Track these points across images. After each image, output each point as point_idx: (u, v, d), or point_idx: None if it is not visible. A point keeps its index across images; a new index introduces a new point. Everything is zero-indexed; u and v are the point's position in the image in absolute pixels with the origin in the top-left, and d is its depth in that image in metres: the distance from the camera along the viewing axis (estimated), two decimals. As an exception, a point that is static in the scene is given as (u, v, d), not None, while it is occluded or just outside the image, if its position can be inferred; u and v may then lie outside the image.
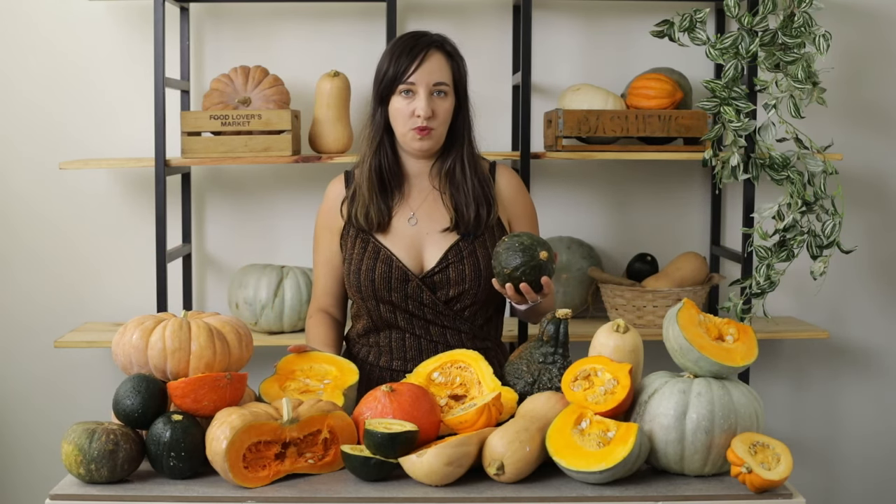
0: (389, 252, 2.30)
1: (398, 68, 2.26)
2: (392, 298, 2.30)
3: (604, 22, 3.22)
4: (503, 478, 1.80)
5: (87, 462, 1.78)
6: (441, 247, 2.31)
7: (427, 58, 2.27)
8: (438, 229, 2.32)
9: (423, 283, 2.29)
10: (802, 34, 2.68)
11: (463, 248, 2.31)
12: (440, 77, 2.27)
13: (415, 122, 2.27)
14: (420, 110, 2.25)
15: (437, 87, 2.27)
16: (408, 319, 2.32)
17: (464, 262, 2.30)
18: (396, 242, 2.32)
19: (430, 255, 2.32)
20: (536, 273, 2.14)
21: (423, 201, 2.36)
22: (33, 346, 3.25)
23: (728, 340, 1.91)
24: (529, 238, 2.16)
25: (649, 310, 3.00)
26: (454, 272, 2.29)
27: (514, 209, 2.40)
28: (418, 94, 2.26)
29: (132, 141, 3.18)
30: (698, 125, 2.93)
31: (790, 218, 2.77)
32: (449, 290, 2.29)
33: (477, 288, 2.30)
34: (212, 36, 3.19)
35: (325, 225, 2.41)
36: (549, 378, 2.03)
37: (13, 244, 3.23)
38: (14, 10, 3.16)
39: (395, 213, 2.34)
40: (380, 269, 2.29)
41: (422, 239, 2.33)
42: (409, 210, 2.35)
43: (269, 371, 2.23)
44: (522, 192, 2.43)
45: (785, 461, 1.78)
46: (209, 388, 1.83)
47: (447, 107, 2.29)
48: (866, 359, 3.36)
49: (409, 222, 2.34)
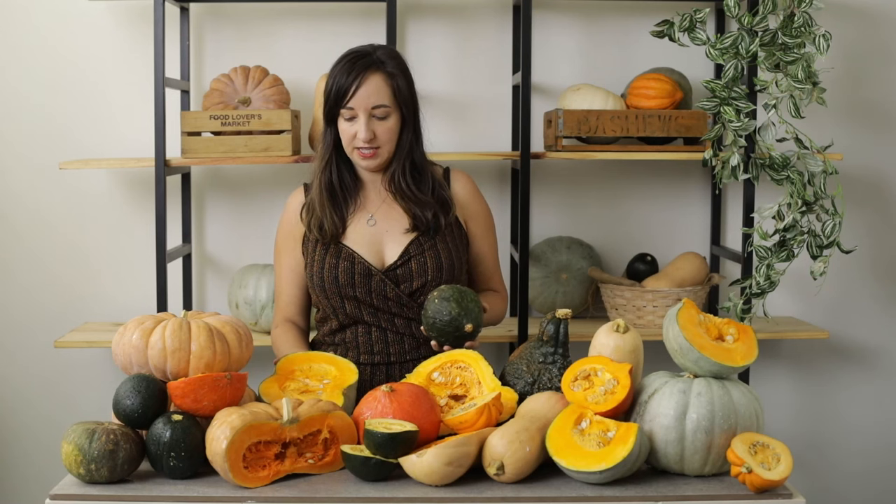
0: (351, 250, 2.33)
1: (339, 91, 2.29)
2: (356, 294, 2.32)
3: (604, 22, 3.22)
4: (503, 478, 1.80)
5: (87, 462, 1.78)
6: (401, 243, 2.35)
7: (364, 82, 2.27)
8: (398, 229, 2.36)
9: (386, 277, 2.32)
10: (802, 34, 2.68)
11: (423, 243, 2.34)
12: (378, 100, 2.28)
13: (357, 143, 2.30)
14: (360, 134, 2.28)
15: (375, 110, 2.29)
16: (373, 314, 2.34)
17: (425, 255, 2.33)
18: (357, 241, 2.35)
19: (390, 250, 2.35)
20: (459, 341, 2.16)
21: (381, 204, 2.39)
22: (33, 346, 3.25)
23: (728, 340, 1.91)
24: (458, 305, 2.14)
25: (649, 310, 3.00)
26: (416, 265, 2.32)
27: (468, 210, 2.43)
28: (358, 118, 2.29)
29: (132, 141, 3.18)
30: (698, 125, 2.93)
31: (790, 218, 2.77)
32: (412, 282, 2.32)
33: (439, 279, 2.33)
34: (212, 36, 3.19)
35: (288, 233, 2.43)
36: (549, 378, 2.03)
37: (13, 244, 3.23)
38: (14, 10, 3.16)
39: (353, 219, 2.37)
40: (343, 266, 2.31)
41: (381, 237, 2.36)
42: (367, 213, 2.38)
43: (269, 371, 2.23)
44: (477, 195, 2.46)
45: (785, 461, 1.78)
46: (209, 388, 1.83)
47: (390, 126, 2.31)
48: (866, 359, 3.36)
49: (367, 223, 2.37)
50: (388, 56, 2.32)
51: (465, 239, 2.41)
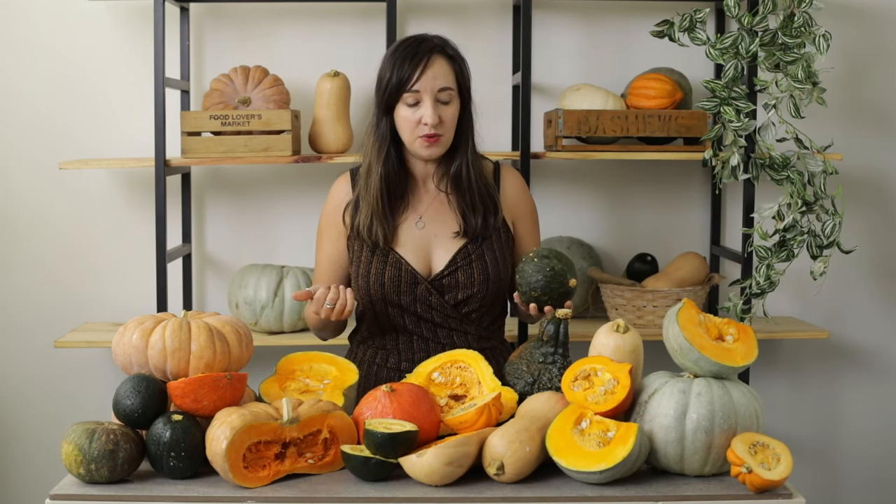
0: (398, 256, 2.29)
1: (401, 76, 2.23)
2: (401, 301, 2.29)
3: (604, 22, 3.22)
4: (503, 478, 1.80)
5: (87, 462, 1.78)
6: (449, 250, 2.31)
7: (430, 64, 2.23)
8: (447, 233, 2.32)
9: (432, 286, 2.29)
10: (802, 34, 2.68)
11: (471, 251, 2.30)
12: (444, 82, 2.24)
13: (422, 129, 2.24)
14: (427, 118, 2.22)
15: (441, 93, 2.24)
16: (416, 322, 2.31)
17: (472, 265, 2.29)
18: (405, 246, 2.31)
19: (438, 257, 2.31)
20: (563, 298, 2.14)
21: (430, 204, 2.34)
22: (33, 346, 3.25)
23: (728, 340, 1.91)
24: (559, 261, 2.13)
25: (649, 310, 3.00)
26: (463, 275, 2.29)
27: (517, 210, 2.39)
28: (424, 102, 2.23)
29: (132, 141, 3.18)
30: (698, 125, 2.93)
31: (790, 218, 2.77)
32: (458, 293, 2.29)
33: (485, 291, 2.30)
34: (212, 36, 3.19)
35: (331, 224, 2.38)
36: (549, 378, 2.03)
37: (13, 244, 3.23)
38: (14, 10, 3.16)
39: (402, 220, 2.32)
40: (390, 273, 2.28)
41: (430, 242, 2.32)
42: (417, 214, 2.34)
43: (269, 371, 2.23)
44: (526, 192, 2.43)
45: (785, 461, 1.78)
46: (209, 388, 1.83)
47: (453, 111, 2.26)
48: (866, 359, 3.36)
49: (416, 225, 2.33)
50: (445, 42, 2.29)
51: (510, 242, 2.36)
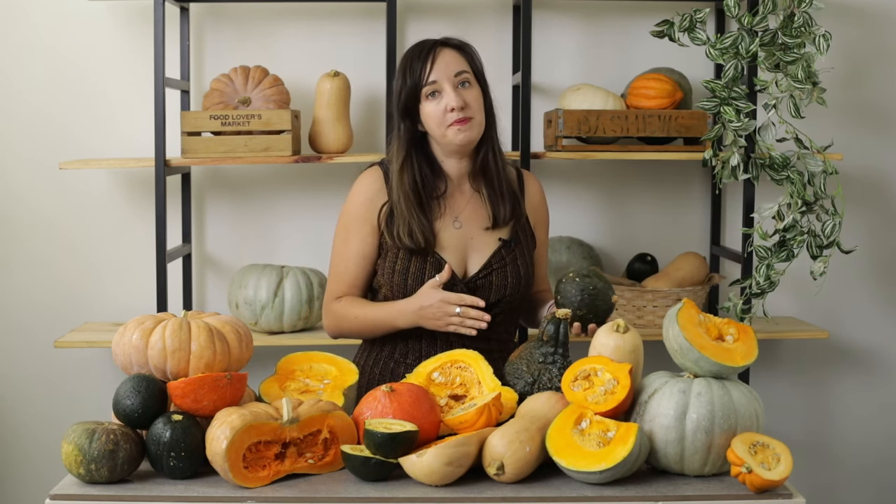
0: (440, 258, 2.29)
1: (415, 75, 2.25)
2: None
3: (604, 22, 3.22)
4: (503, 478, 1.80)
5: (87, 462, 1.78)
6: (484, 253, 2.32)
7: (438, 55, 2.26)
8: (480, 230, 2.33)
9: (466, 288, 2.29)
10: (802, 34, 2.68)
11: (506, 255, 2.32)
12: (458, 66, 2.26)
13: (451, 116, 2.24)
14: (452, 102, 2.23)
15: (458, 77, 2.25)
16: None
17: (506, 268, 2.31)
18: (445, 247, 2.31)
19: (474, 259, 2.32)
20: (606, 315, 2.18)
21: (467, 203, 2.35)
22: (33, 346, 3.25)
23: (728, 340, 1.91)
24: (600, 280, 2.18)
25: (649, 310, 3.00)
26: (497, 278, 2.30)
27: (537, 215, 2.42)
28: (444, 90, 2.24)
29: (132, 141, 3.18)
30: (698, 125, 2.93)
31: (790, 218, 2.77)
32: (491, 295, 2.30)
33: (515, 294, 2.32)
34: (212, 36, 3.19)
35: (362, 218, 2.33)
36: (549, 378, 2.03)
37: (13, 244, 3.23)
38: (14, 10, 3.16)
39: (440, 222, 2.32)
40: (431, 276, 2.27)
41: (467, 242, 2.33)
42: (453, 214, 2.34)
43: (269, 371, 2.23)
44: (545, 200, 2.47)
45: (785, 461, 1.78)
46: (209, 388, 1.83)
47: (476, 94, 2.28)
48: (866, 359, 3.36)
49: (453, 226, 2.33)
50: (448, 38, 2.32)
51: (533, 245, 2.40)
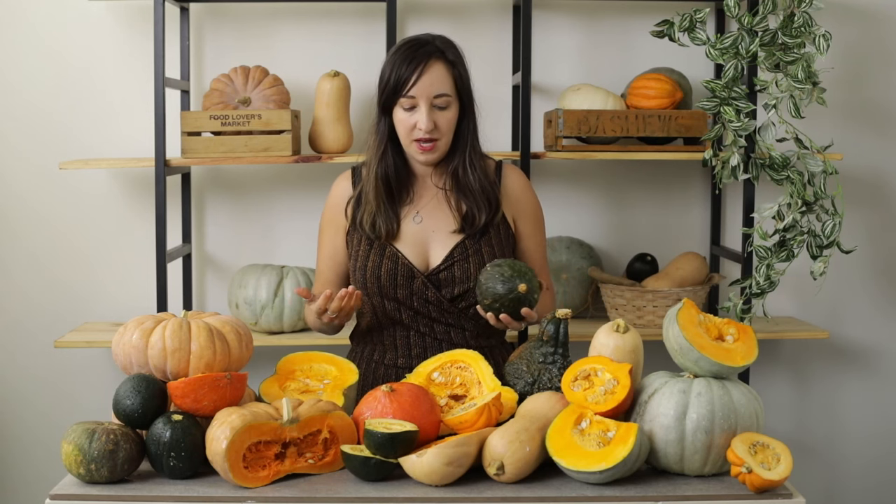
0: (395, 249, 2.30)
1: (398, 79, 2.23)
2: (397, 295, 2.29)
3: (604, 22, 3.22)
4: (503, 478, 1.80)
5: (87, 462, 1.78)
6: (446, 245, 2.32)
7: (427, 69, 2.23)
8: (445, 230, 2.33)
9: (428, 281, 2.29)
10: (802, 34, 2.68)
11: (469, 247, 2.31)
12: (441, 88, 2.24)
13: (417, 134, 2.25)
14: (422, 124, 2.23)
15: (437, 99, 2.24)
16: (412, 317, 2.32)
17: (469, 259, 2.30)
18: (403, 241, 2.32)
19: (435, 252, 2.32)
20: (515, 305, 2.15)
21: (430, 201, 2.35)
22: (33, 346, 3.25)
23: (728, 340, 1.91)
24: (510, 268, 2.15)
25: (649, 310, 3.00)
26: (459, 270, 2.29)
27: (518, 207, 2.40)
28: (419, 108, 2.24)
29: (132, 141, 3.18)
30: (698, 125, 2.93)
31: (790, 218, 2.77)
32: (454, 287, 2.29)
33: None
34: (212, 36, 3.19)
35: (331, 220, 2.40)
36: (549, 378, 2.03)
37: (13, 244, 3.23)
38: (14, 10, 3.16)
39: (404, 215, 2.33)
40: (386, 266, 2.29)
41: (427, 237, 2.33)
42: (415, 209, 2.35)
43: (269, 371, 2.23)
44: (528, 190, 2.43)
45: (785, 461, 1.78)
46: (209, 388, 1.83)
47: (450, 117, 2.27)
48: (866, 359, 3.36)
49: (413, 220, 2.34)
50: (447, 45, 2.28)
51: (511, 239, 2.37)
